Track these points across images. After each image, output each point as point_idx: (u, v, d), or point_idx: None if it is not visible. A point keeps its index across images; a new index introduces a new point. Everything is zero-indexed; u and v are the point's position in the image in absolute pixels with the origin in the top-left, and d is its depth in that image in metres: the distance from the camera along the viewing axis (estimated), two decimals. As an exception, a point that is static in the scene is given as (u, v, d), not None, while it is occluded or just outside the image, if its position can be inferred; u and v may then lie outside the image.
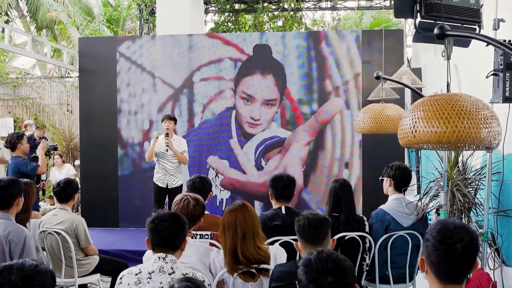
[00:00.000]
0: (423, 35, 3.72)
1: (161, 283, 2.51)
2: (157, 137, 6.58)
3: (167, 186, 6.63)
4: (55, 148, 8.53)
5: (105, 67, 8.25)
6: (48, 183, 10.39)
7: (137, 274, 2.58)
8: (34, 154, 7.55)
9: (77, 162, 9.90)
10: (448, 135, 2.12)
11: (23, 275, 1.84)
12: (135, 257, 6.07)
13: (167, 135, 6.49)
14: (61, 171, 9.92)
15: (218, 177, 8.03)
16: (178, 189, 6.68)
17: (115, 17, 14.26)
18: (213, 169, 8.05)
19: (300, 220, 2.75)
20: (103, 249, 6.08)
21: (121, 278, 2.62)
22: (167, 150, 6.51)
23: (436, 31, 2.50)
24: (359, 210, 7.30)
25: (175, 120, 6.66)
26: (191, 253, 3.08)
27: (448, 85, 2.52)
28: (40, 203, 9.54)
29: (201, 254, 3.17)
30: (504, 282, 3.77)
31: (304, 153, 7.87)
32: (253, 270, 3.00)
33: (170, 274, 2.54)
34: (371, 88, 7.12)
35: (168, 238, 2.60)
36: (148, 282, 2.53)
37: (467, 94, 2.32)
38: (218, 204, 7.98)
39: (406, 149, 7.26)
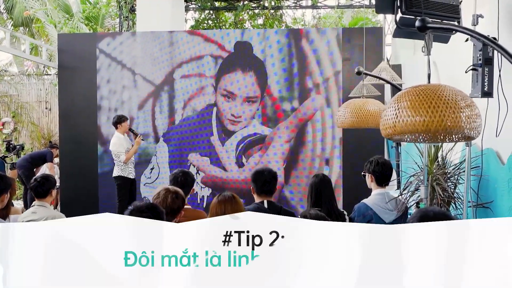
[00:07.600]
0: (403, 30, 3.79)
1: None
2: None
3: (134, 177, 7.50)
4: (22, 148, 8.54)
5: (85, 63, 8.16)
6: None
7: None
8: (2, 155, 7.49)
9: (56, 160, 9.79)
10: (436, 124, 2.15)
11: None
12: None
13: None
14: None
15: (199, 174, 8.01)
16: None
17: (94, 14, 14.15)
18: (194, 167, 8.02)
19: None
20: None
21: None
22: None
23: (417, 23, 2.54)
24: (339, 206, 7.33)
25: None
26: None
27: (429, 77, 2.56)
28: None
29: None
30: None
31: (285, 150, 7.89)
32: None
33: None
34: (351, 85, 7.17)
35: None
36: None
37: (449, 85, 2.36)
38: (199, 201, 7.96)
39: (386, 145, 7.33)
